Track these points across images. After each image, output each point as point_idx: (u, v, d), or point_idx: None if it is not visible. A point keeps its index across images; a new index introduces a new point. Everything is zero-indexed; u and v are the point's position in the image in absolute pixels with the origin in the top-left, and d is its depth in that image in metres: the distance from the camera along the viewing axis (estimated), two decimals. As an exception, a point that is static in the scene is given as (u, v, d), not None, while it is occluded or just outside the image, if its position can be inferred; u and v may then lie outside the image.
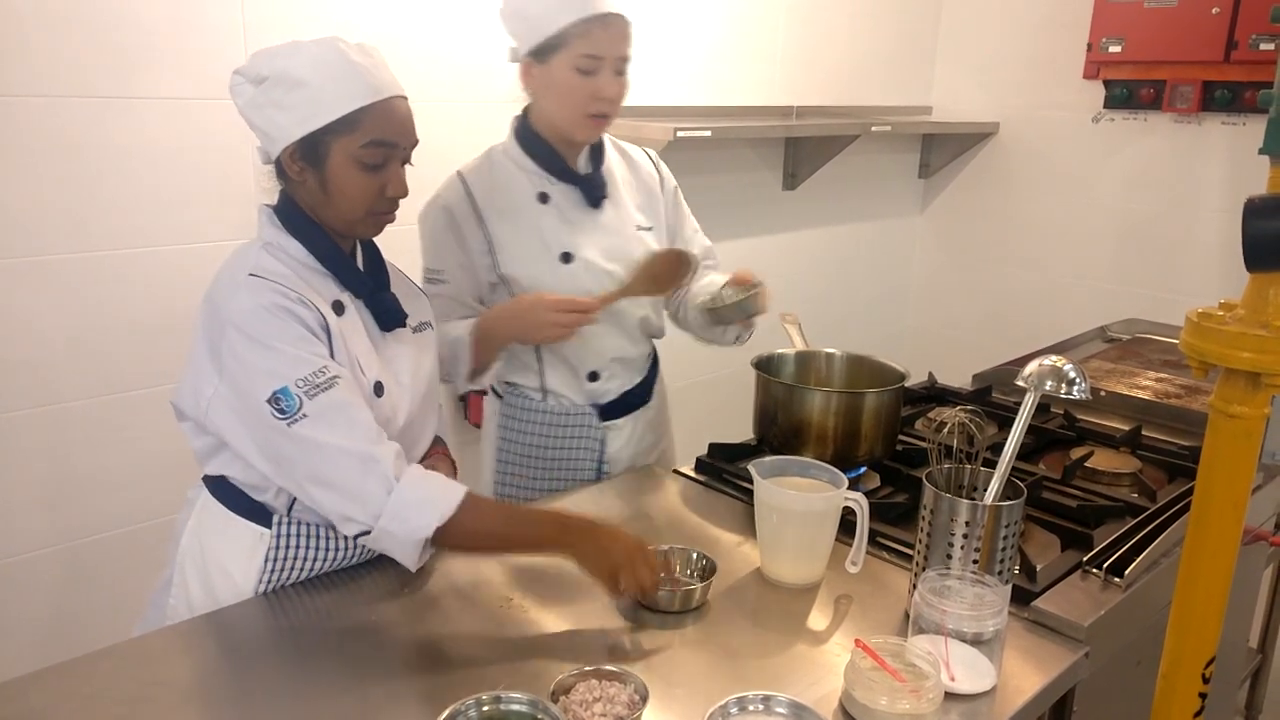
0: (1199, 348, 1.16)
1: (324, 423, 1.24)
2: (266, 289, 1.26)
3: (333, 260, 1.36)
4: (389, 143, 1.31)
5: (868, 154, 3.71)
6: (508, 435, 1.85)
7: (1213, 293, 3.24)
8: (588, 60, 1.63)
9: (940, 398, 2.20)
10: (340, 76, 1.27)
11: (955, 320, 4.10)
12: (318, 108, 1.27)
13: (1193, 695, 1.29)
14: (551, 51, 1.64)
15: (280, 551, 1.37)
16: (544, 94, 1.70)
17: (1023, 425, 1.30)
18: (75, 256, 1.97)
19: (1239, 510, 1.21)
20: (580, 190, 1.77)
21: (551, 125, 1.73)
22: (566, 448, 1.84)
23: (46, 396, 1.98)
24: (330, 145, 1.29)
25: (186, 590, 1.39)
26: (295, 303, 1.27)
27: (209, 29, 2.04)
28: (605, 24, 1.63)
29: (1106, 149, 3.54)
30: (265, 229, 1.36)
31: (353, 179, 1.31)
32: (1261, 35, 3.01)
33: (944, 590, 1.21)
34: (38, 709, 1.11)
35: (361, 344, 1.37)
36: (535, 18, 1.63)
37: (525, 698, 1.04)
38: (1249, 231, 1.08)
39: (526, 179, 1.76)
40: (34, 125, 1.88)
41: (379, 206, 1.34)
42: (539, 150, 1.75)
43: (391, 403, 1.39)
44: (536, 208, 1.75)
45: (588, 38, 1.62)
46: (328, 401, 1.24)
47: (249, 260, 1.31)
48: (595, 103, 1.66)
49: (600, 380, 1.84)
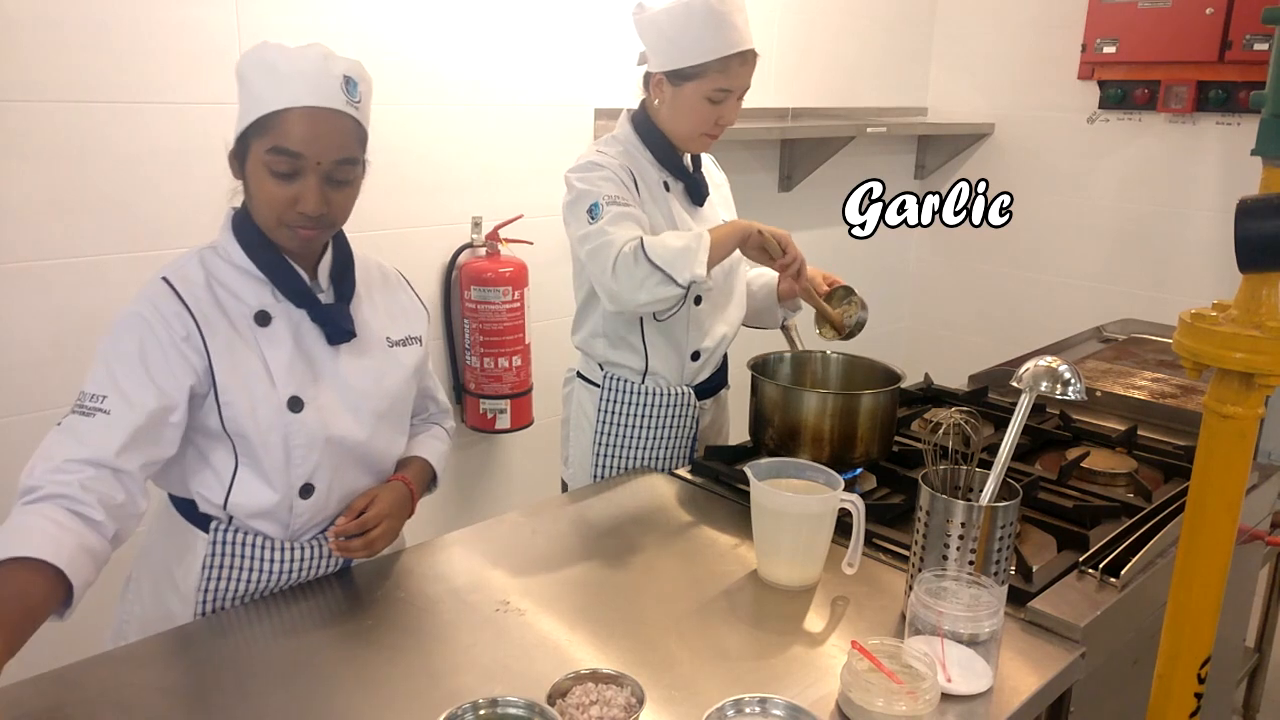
0: (1192, 348, 1.17)
1: (55, 436, 1.24)
2: (154, 298, 1.29)
3: (270, 269, 1.35)
4: (292, 153, 1.26)
5: (863, 155, 3.71)
6: (607, 418, 1.91)
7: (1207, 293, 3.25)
8: (720, 93, 1.74)
9: (936, 399, 2.20)
10: (268, 78, 1.26)
11: (951, 321, 4.11)
12: (248, 107, 1.28)
13: (1189, 695, 1.29)
14: (688, 79, 1.73)
15: (218, 559, 1.36)
16: (669, 109, 1.79)
17: (1018, 426, 1.30)
18: (66, 261, 1.97)
19: (1234, 510, 1.22)
20: (688, 187, 1.88)
21: (667, 132, 1.82)
22: (665, 427, 1.91)
23: (38, 402, 1.98)
24: (249, 146, 1.29)
25: (140, 594, 1.43)
26: (170, 318, 1.28)
27: (203, 34, 2.04)
28: (743, 60, 1.74)
29: (1101, 149, 3.54)
30: (221, 230, 1.37)
31: (263, 185, 1.29)
32: (1256, 35, 3.02)
33: (940, 591, 1.21)
34: (35, 714, 1.11)
35: (282, 357, 1.34)
36: (680, 46, 1.71)
37: (522, 701, 1.04)
38: (1241, 232, 1.09)
39: (651, 167, 1.84)
40: (27, 129, 1.87)
41: (289, 219, 1.30)
42: (659, 146, 1.83)
43: (318, 418, 1.36)
44: (664, 194, 1.85)
45: (725, 74, 1.72)
46: (71, 425, 1.24)
47: (178, 263, 1.34)
48: (715, 127, 1.78)
49: (699, 360, 1.93)
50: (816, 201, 3.62)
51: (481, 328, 2.56)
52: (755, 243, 1.73)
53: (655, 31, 1.74)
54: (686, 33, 1.69)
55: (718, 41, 1.69)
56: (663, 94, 1.78)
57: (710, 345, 1.92)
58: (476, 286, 2.53)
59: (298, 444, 1.34)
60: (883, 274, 4.08)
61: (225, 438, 1.33)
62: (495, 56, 2.55)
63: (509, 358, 2.59)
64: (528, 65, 2.62)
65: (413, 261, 2.53)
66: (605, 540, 1.57)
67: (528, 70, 2.62)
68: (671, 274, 1.63)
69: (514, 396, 2.63)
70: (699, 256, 1.63)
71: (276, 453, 1.33)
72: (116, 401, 1.25)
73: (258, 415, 1.31)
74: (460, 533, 1.59)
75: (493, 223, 2.59)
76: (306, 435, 1.35)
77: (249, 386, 1.31)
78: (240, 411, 1.31)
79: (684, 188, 1.88)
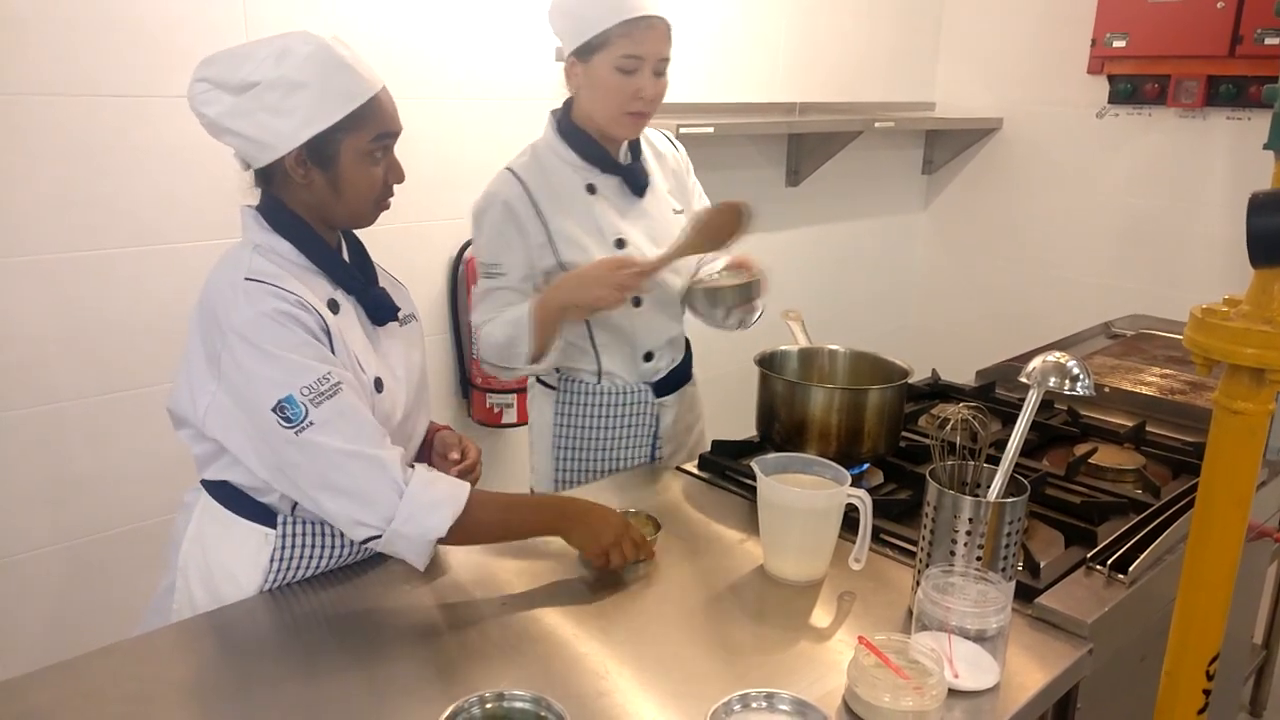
0: (1203, 344, 1.16)
1: (331, 429, 1.24)
2: (265, 294, 1.26)
3: (324, 258, 1.36)
4: (393, 133, 1.34)
5: (871, 150, 3.70)
6: (564, 422, 1.91)
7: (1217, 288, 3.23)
8: (629, 60, 1.69)
9: (943, 394, 2.19)
10: (338, 74, 1.27)
11: (959, 316, 4.10)
12: (322, 108, 1.26)
13: (1197, 692, 1.28)
14: (594, 51, 1.70)
15: (286, 551, 1.37)
16: (586, 91, 1.75)
17: (1026, 421, 1.30)
18: (73, 255, 1.97)
19: (1243, 507, 1.21)
20: (623, 180, 1.83)
21: (592, 121, 1.78)
22: (624, 427, 1.90)
23: (45, 396, 1.99)
24: (340, 143, 1.29)
25: (190, 596, 1.39)
26: (295, 306, 1.26)
27: (210, 29, 2.04)
28: (647, 25, 1.69)
29: (1111, 144, 3.53)
30: (252, 231, 1.34)
31: (364, 174, 1.33)
32: (1267, 30, 3.00)
33: (947, 587, 1.20)
34: (40, 707, 1.11)
35: (359, 340, 1.37)
36: (580, 18, 1.70)
37: (529, 695, 1.04)
38: (1253, 227, 1.08)
39: (573, 171, 1.80)
40: (33, 124, 1.88)
41: (384, 196, 1.38)
42: (582, 144, 1.80)
43: (391, 398, 1.40)
44: (586, 198, 1.81)
45: (629, 38, 1.68)
46: (333, 408, 1.25)
47: (242, 264, 1.29)
48: (635, 101, 1.72)
49: (654, 360, 1.91)
50: (824, 197, 3.61)
51: (488, 322, 2.55)
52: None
53: (560, 14, 1.75)
54: (584, 4, 1.70)
55: (614, 6, 1.67)
56: (577, 76, 1.75)
57: (661, 344, 1.91)
58: (483, 281, 2.52)
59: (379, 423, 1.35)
60: (890, 269, 4.07)
61: None
62: (500, 50, 2.55)
63: (515, 352, 2.58)
64: (535, 59, 2.62)
65: (419, 256, 2.54)
66: (611, 535, 1.57)
67: (535, 64, 2.62)
68: (507, 365, 1.76)
69: (520, 391, 2.63)
70: (519, 349, 1.73)
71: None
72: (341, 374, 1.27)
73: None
74: (466, 527, 1.58)
75: (499, 217, 2.59)
76: (383, 414, 1.37)
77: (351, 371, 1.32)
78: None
79: (620, 182, 1.83)
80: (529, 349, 1.72)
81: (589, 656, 1.22)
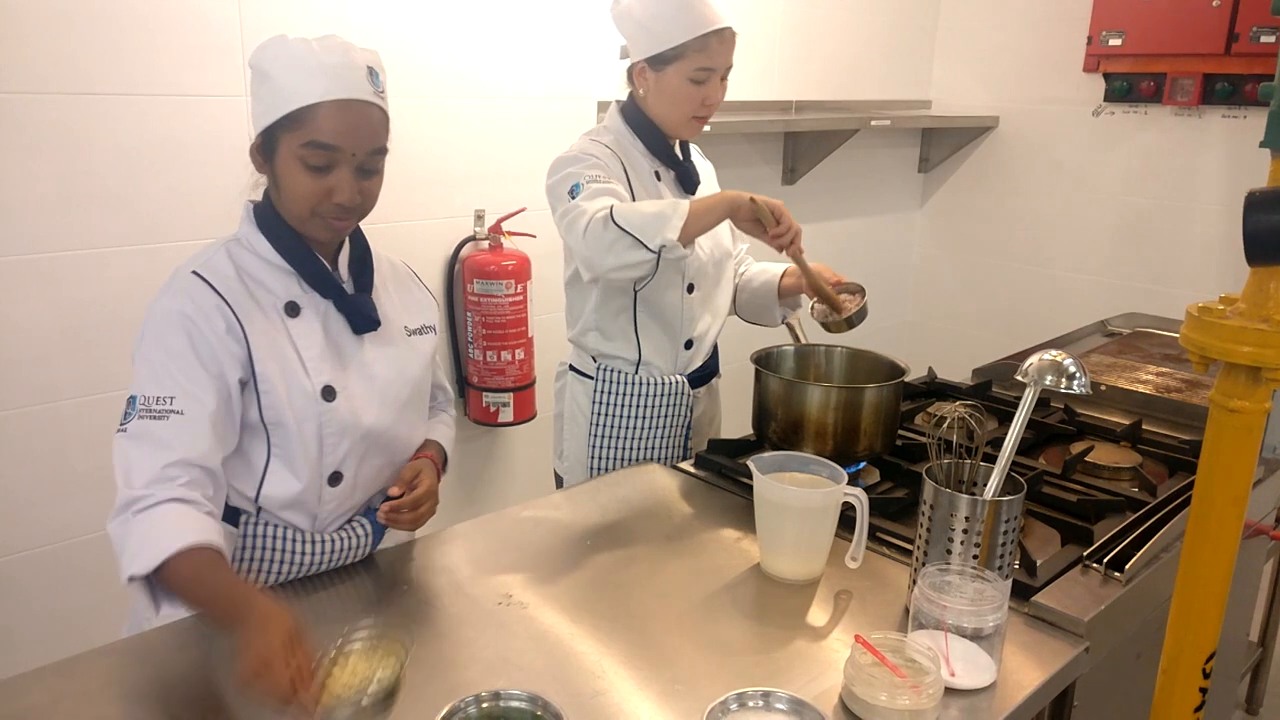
0: (1199, 342, 1.16)
1: (130, 444, 1.23)
2: (190, 293, 1.28)
3: (297, 260, 1.35)
4: (329, 146, 1.27)
5: (867, 148, 3.70)
6: (602, 410, 1.93)
7: (1213, 286, 3.25)
8: (701, 72, 1.75)
9: (940, 393, 2.19)
10: (295, 72, 1.26)
11: (955, 315, 4.10)
12: (274, 101, 1.27)
13: (1193, 689, 1.29)
14: (668, 63, 1.76)
15: (248, 552, 1.37)
16: (654, 96, 1.81)
17: (1023, 420, 1.30)
18: (70, 254, 1.97)
19: (1240, 505, 1.21)
20: (679, 175, 1.90)
21: (657, 121, 1.84)
22: (660, 417, 1.93)
23: (44, 395, 1.98)
24: (279, 141, 1.29)
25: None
26: (210, 311, 1.27)
27: (206, 26, 2.04)
28: (720, 38, 1.74)
29: (1106, 143, 3.53)
30: (242, 224, 1.37)
31: (296, 178, 1.29)
32: (1263, 28, 3.01)
33: (944, 585, 1.20)
34: (38, 706, 1.11)
35: (314, 346, 1.35)
36: (656, 31, 1.73)
37: (524, 694, 1.04)
38: (1249, 225, 1.08)
39: (641, 156, 1.86)
40: (30, 121, 1.87)
41: (324, 210, 1.31)
42: (650, 134, 1.85)
43: (350, 407, 1.37)
44: (655, 184, 1.87)
45: (704, 52, 1.74)
46: (144, 429, 1.23)
47: (204, 256, 1.33)
48: (702, 108, 1.79)
49: (692, 348, 1.95)
50: (820, 195, 3.61)
51: (484, 321, 2.55)
52: (747, 213, 1.69)
53: (631, 21, 1.77)
54: (660, 17, 1.72)
55: (692, 21, 1.71)
56: (646, 82, 1.80)
57: (702, 332, 1.95)
58: (479, 280, 2.52)
59: (330, 433, 1.35)
60: (886, 267, 4.07)
61: (261, 428, 1.33)
62: (498, 49, 2.55)
63: (512, 351, 2.59)
64: (530, 57, 2.62)
65: (416, 255, 2.53)
66: (608, 534, 1.57)
67: (530, 63, 2.62)
68: (641, 238, 1.60)
69: (517, 390, 2.63)
70: (672, 222, 1.61)
71: (310, 442, 1.34)
72: (186, 401, 1.24)
73: (294, 405, 1.32)
74: (463, 526, 1.59)
75: (495, 216, 2.59)
76: (338, 424, 1.36)
77: (285, 376, 1.32)
78: (278, 400, 1.31)
79: (675, 176, 1.90)
80: (679, 225, 1.62)
81: (585, 656, 1.22)
